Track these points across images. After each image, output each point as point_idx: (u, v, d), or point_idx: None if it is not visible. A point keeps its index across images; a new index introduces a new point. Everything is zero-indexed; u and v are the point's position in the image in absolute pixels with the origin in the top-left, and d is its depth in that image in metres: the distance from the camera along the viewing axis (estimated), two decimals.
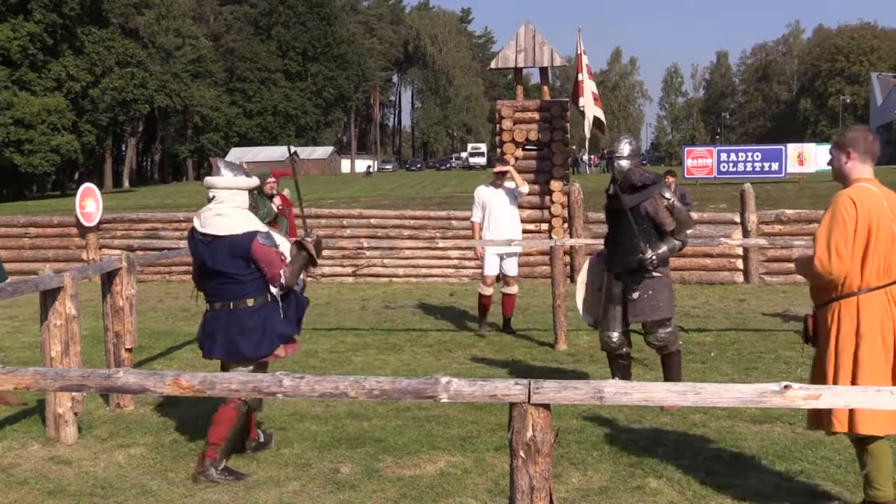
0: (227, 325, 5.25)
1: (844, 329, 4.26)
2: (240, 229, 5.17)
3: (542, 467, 3.01)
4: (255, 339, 5.20)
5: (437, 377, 3.09)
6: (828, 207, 4.34)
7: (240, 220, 5.21)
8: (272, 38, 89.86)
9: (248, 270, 5.19)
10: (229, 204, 5.23)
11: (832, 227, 4.23)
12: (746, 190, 14.43)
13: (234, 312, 5.23)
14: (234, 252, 5.17)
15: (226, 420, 5.21)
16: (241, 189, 5.28)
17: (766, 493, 4.85)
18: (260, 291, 5.24)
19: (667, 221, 6.59)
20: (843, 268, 4.21)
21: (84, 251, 15.77)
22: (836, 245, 4.19)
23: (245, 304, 5.23)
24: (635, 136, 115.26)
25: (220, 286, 5.27)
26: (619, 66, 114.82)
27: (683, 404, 3.03)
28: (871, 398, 3.00)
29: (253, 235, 5.17)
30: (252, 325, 5.20)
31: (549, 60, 14.23)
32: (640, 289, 6.53)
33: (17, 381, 3.36)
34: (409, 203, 28.40)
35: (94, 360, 8.02)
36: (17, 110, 53.88)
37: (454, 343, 9.53)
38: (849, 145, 4.40)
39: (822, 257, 4.22)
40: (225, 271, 5.22)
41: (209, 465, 5.11)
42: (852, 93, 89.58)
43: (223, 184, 5.24)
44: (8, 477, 5.36)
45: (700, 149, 36.46)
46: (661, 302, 6.53)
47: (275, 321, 5.26)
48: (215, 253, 5.22)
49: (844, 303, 4.28)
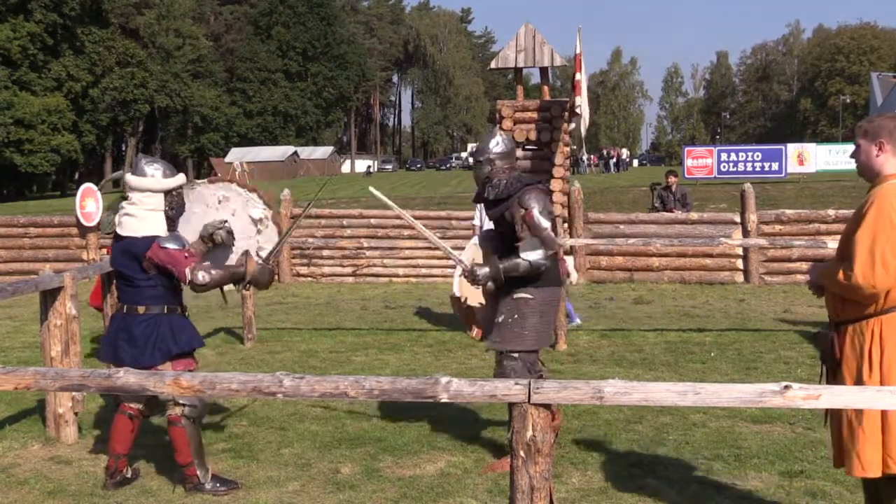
0: (118, 329, 5.10)
1: (890, 351, 3.61)
2: (142, 232, 4.99)
3: (542, 467, 3.01)
4: (138, 348, 4.98)
5: (437, 377, 3.09)
6: (866, 207, 3.65)
7: (146, 224, 5.01)
8: (272, 38, 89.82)
9: (143, 276, 4.99)
10: (140, 206, 5.03)
11: (877, 232, 3.55)
12: (746, 190, 14.43)
13: (126, 317, 5.06)
14: (130, 254, 5.00)
15: (181, 440, 5.06)
16: (153, 191, 5.04)
17: (766, 493, 4.85)
18: (155, 301, 5.03)
19: (520, 234, 5.21)
20: (890, 280, 3.56)
21: (84, 251, 15.72)
22: (882, 253, 3.54)
23: (136, 311, 5.03)
24: (635, 136, 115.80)
25: (119, 288, 5.17)
26: (619, 66, 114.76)
27: (683, 404, 3.03)
28: (871, 398, 2.99)
29: (152, 240, 4.95)
30: (138, 333, 4.99)
31: (549, 60, 14.19)
32: (506, 311, 5.30)
33: (17, 381, 3.36)
34: (409, 203, 28.42)
35: (94, 361, 8.02)
36: (17, 110, 53.94)
37: (454, 343, 9.52)
38: (881, 134, 3.72)
39: (865, 268, 3.55)
40: (121, 272, 5.09)
41: (198, 482, 5.04)
42: (852, 93, 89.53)
43: (135, 184, 5.04)
44: (8, 477, 5.37)
45: (700, 149, 36.50)
46: (525, 330, 5.25)
47: (163, 334, 5.01)
48: (116, 252, 5.11)
49: (887, 319, 3.63)
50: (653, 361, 8.41)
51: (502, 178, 5.34)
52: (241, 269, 5.19)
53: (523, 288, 5.23)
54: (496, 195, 5.31)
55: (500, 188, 5.31)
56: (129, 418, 5.20)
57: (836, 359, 3.78)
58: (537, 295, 5.24)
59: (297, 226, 5.55)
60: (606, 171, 58.56)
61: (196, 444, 5.10)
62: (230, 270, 5.16)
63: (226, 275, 5.10)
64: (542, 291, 5.27)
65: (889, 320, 3.62)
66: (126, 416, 5.19)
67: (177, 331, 5.06)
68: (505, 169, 5.37)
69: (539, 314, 5.26)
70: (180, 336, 5.06)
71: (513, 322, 5.23)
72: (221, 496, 4.99)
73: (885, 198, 3.59)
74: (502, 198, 5.28)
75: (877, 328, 3.63)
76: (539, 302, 5.26)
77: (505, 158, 5.39)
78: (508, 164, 5.39)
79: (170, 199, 5.08)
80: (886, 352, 3.61)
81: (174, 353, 5.02)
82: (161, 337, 4.99)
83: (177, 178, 5.15)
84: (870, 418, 3.57)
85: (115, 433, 5.21)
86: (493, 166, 5.37)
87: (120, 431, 5.19)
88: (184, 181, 5.24)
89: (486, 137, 5.53)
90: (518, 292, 5.24)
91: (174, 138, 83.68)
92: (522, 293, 5.24)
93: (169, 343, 5.01)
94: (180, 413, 5.05)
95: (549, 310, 5.33)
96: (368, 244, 14.42)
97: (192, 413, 5.07)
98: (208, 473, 5.08)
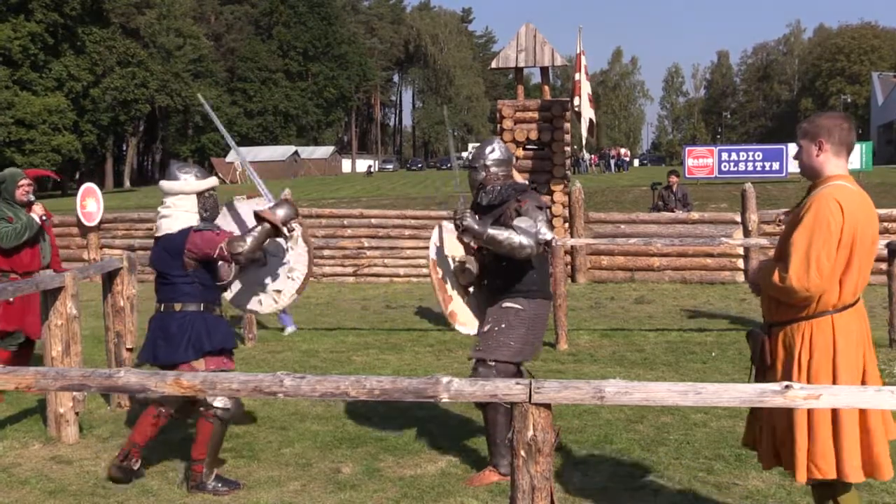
0: (156, 328, 5.21)
1: (818, 356, 3.58)
2: (177, 227, 5.13)
3: (542, 467, 3.01)
4: (173, 345, 5.08)
5: (437, 377, 3.09)
6: (805, 209, 3.60)
7: (180, 222, 5.15)
8: (273, 37, 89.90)
9: (181, 273, 5.11)
10: (175, 209, 5.18)
11: (814, 235, 3.50)
12: (747, 189, 14.42)
13: (164, 316, 5.18)
14: (169, 249, 5.13)
15: (205, 435, 5.13)
16: (186, 193, 5.19)
17: (767, 492, 4.85)
18: (191, 298, 5.14)
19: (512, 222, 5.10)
20: (824, 284, 3.52)
21: (85, 251, 15.76)
22: (817, 257, 3.49)
23: (173, 308, 5.15)
24: (636, 136, 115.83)
25: (158, 287, 5.27)
26: (619, 65, 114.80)
27: (684, 404, 3.03)
28: (871, 398, 2.99)
29: (187, 231, 5.10)
30: (174, 330, 5.10)
31: (549, 60, 14.24)
32: (493, 320, 5.17)
33: (18, 380, 3.36)
34: (410, 203, 28.42)
35: (94, 360, 8.02)
36: (18, 110, 53.94)
37: (455, 343, 9.52)
38: (820, 134, 3.67)
39: (799, 271, 3.51)
40: (160, 270, 5.21)
41: (200, 480, 5.07)
42: (853, 92, 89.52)
43: (167, 188, 5.22)
44: (9, 476, 5.37)
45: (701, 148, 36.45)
46: (511, 340, 5.11)
47: (198, 332, 5.11)
48: (155, 252, 5.25)
49: (817, 323, 3.60)
50: (654, 361, 8.41)
51: (496, 184, 5.27)
52: (267, 225, 5.21)
53: (513, 298, 5.15)
54: (489, 201, 5.24)
55: (494, 194, 5.24)
56: (156, 416, 5.29)
57: (765, 360, 3.76)
58: (528, 307, 5.15)
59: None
60: (607, 170, 58.60)
61: (216, 444, 5.16)
62: (259, 231, 5.18)
63: (258, 236, 5.17)
64: (534, 303, 5.18)
65: (820, 324, 3.59)
66: (154, 412, 5.29)
67: (212, 329, 5.15)
68: (500, 176, 5.28)
69: (527, 326, 5.16)
70: (215, 334, 5.16)
71: (498, 331, 5.11)
72: (222, 496, 5.00)
73: (824, 201, 3.53)
74: (495, 203, 5.21)
75: (807, 332, 3.60)
76: (529, 314, 5.16)
77: (501, 165, 5.30)
78: (504, 171, 5.30)
79: (203, 200, 5.22)
80: (815, 356, 3.58)
81: (206, 351, 5.11)
82: (196, 334, 5.09)
83: (208, 181, 5.28)
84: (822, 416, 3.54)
85: (139, 424, 5.33)
86: (487, 172, 5.29)
87: (143, 423, 5.30)
88: (216, 184, 5.37)
89: (484, 143, 5.44)
90: (507, 301, 5.15)
91: (175, 138, 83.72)
92: (512, 303, 5.14)
93: (203, 340, 5.10)
94: (213, 413, 5.12)
95: (538, 323, 5.23)
96: (369, 244, 14.42)
97: (224, 415, 5.15)
98: (213, 474, 5.10)
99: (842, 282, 3.57)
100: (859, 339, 3.62)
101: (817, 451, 3.54)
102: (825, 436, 3.54)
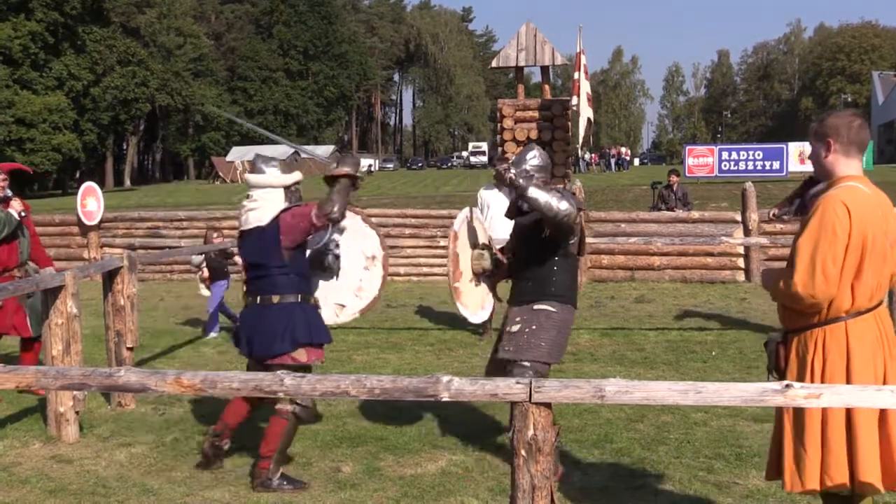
0: (252, 321, 5.20)
1: (832, 363, 3.46)
2: (268, 218, 5.11)
3: (543, 466, 3.01)
4: (270, 336, 5.08)
5: (438, 376, 3.09)
6: (812, 212, 3.50)
7: (268, 212, 5.13)
8: (273, 36, 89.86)
9: (277, 263, 5.09)
10: (262, 201, 5.17)
11: (819, 240, 3.39)
12: (748, 189, 14.42)
13: (260, 309, 5.16)
14: (263, 239, 5.11)
15: (276, 432, 5.12)
16: (273, 187, 5.18)
17: (767, 491, 4.84)
18: (288, 289, 5.12)
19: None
20: (830, 291, 3.40)
21: (85, 250, 15.78)
22: (823, 262, 3.38)
23: (270, 301, 5.13)
24: (636, 135, 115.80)
25: (252, 279, 5.27)
26: (620, 64, 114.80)
27: (685, 403, 3.03)
28: (871, 397, 2.99)
29: (277, 216, 5.09)
30: (272, 321, 5.09)
31: (550, 59, 14.24)
32: (523, 321, 5.22)
33: (18, 379, 3.36)
34: (410, 202, 28.41)
35: (95, 359, 8.02)
36: (18, 109, 53.93)
37: (455, 342, 9.52)
38: (828, 134, 3.58)
39: (804, 277, 3.40)
40: (254, 262, 5.21)
41: (266, 477, 5.06)
42: (853, 91, 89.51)
43: (254, 182, 5.22)
44: (9, 476, 5.37)
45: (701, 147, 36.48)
46: (542, 342, 5.15)
47: (297, 322, 5.10)
48: (247, 244, 5.24)
49: (830, 329, 3.48)
50: (654, 360, 8.41)
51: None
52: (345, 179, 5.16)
53: (546, 301, 5.19)
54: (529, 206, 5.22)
55: None
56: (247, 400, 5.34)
57: (779, 367, 3.67)
58: (560, 310, 5.21)
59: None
60: (607, 169, 58.60)
61: (287, 441, 5.17)
62: (340, 188, 5.14)
63: (343, 193, 5.13)
64: (565, 309, 5.25)
65: (833, 331, 3.47)
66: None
67: (311, 320, 5.16)
68: (540, 182, 5.27)
69: (558, 329, 5.21)
70: (314, 326, 5.16)
71: (529, 332, 5.15)
72: (288, 493, 4.99)
73: (830, 204, 3.42)
74: None
75: (820, 338, 3.49)
76: (560, 318, 5.22)
77: (541, 172, 5.34)
78: (544, 178, 5.33)
79: (289, 195, 5.21)
80: (828, 362, 3.47)
81: (304, 342, 5.11)
82: (294, 325, 5.08)
83: (294, 175, 5.30)
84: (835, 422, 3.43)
85: (232, 405, 5.42)
86: (529, 179, 5.24)
87: (236, 405, 5.40)
88: (300, 178, 5.35)
89: (525, 150, 5.47)
90: (539, 304, 5.19)
91: (175, 137, 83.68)
92: (545, 305, 5.19)
93: (301, 331, 5.09)
94: (291, 410, 5.12)
95: (566, 328, 5.29)
96: None
97: (303, 413, 5.18)
98: (279, 471, 5.09)
99: (853, 287, 3.44)
100: (877, 345, 3.48)
101: (832, 458, 3.43)
102: (839, 442, 3.42)
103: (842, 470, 3.42)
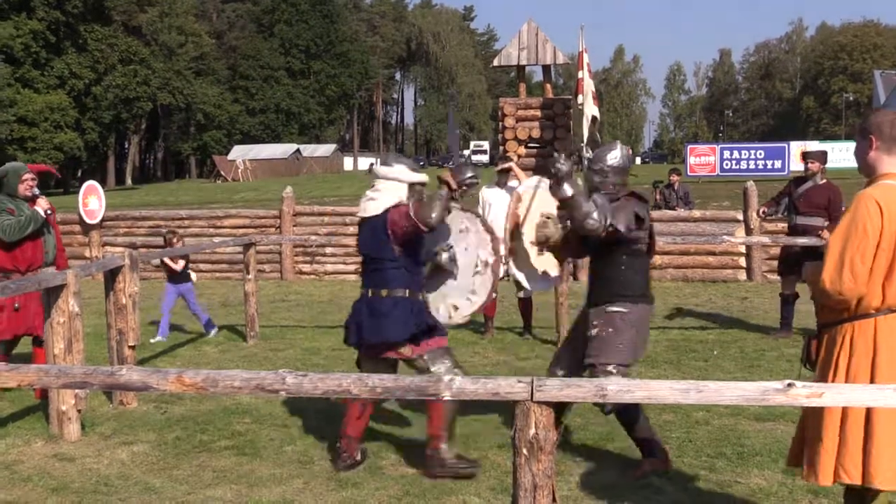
0: (361, 310, 5.26)
1: (857, 358, 3.48)
2: (382, 209, 5.15)
3: (544, 465, 3.01)
4: (383, 324, 5.12)
5: (439, 375, 3.08)
6: (846, 209, 3.53)
7: (385, 202, 5.16)
8: (275, 35, 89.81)
9: (390, 256, 5.13)
10: (383, 192, 5.21)
11: (849, 237, 3.41)
12: (749, 188, 14.41)
13: (371, 300, 5.22)
14: (375, 230, 5.17)
15: (437, 413, 5.17)
16: (399, 181, 5.21)
17: (768, 490, 4.85)
18: (398, 284, 5.16)
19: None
20: (858, 288, 3.42)
21: (87, 248, 15.79)
22: (851, 259, 3.39)
23: (380, 294, 5.18)
24: (638, 134, 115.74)
25: (366, 271, 5.33)
26: (621, 63, 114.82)
27: (686, 402, 3.02)
28: (875, 395, 2.98)
29: (388, 210, 5.12)
30: (385, 310, 5.13)
31: (551, 58, 14.24)
32: (600, 324, 5.23)
33: (20, 378, 3.36)
34: None
35: (96, 358, 8.03)
36: (20, 108, 53.98)
37: (456, 341, 9.51)
38: (871, 131, 3.57)
39: (832, 274, 3.43)
40: (368, 254, 5.28)
41: (440, 457, 5.12)
42: (855, 90, 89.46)
43: (382, 173, 5.27)
44: (12, 474, 5.37)
45: (703, 146, 36.51)
46: (621, 343, 5.17)
47: (409, 312, 5.13)
48: (362, 235, 5.32)
49: (859, 325, 3.50)
50: (655, 359, 8.40)
51: (609, 193, 5.20)
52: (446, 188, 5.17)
53: (618, 303, 5.19)
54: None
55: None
56: (362, 406, 5.33)
57: (810, 359, 3.75)
58: (633, 310, 5.21)
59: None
60: None
61: (449, 419, 5.21)
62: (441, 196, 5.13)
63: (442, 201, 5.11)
64: (639, 307, 5.25)
65: (862, 326, 3.48)
66: (359, 406, 5.32)
67: (418, 314, 5.18)
68: (614, 184, 5.23)
69: (635, 329, 5.21)
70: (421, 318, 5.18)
71: (608, 336, 5.16)
72: (461, 471, 5.05)
73: (862, 202, 3.44)
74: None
75: (848, 334, 3.52)
76: (635, 317, 5.22)
77: (618, 174, 5.26)
78: (620, 180, 5.26)
79: (412, 193, 5.23)
80: (854, 359, 3.49)
81: (414, 333, 5.15)
82: (408, 315, 5.12)
83: (421, 175, 5.32)
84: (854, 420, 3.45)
85: (349, 419, 5.38)
86: (604, 178, 5.24)
87: (352, 418, 5.37)
88: (426, 179, 5.36)
89: (607, 147, 5.38)
90: (613, 306, 5.20)
91: (177, 136, 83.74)
92: (618, 307, 5.19)
93: (412, 321, 5.12)
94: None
95: (643, 325, 5.31)
96: None
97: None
98: (451, 451, 5.14)
99: (885, 285, 3.44)
100: None
101: (847, 453, 3.44)
102: (856, 438, 3.43)
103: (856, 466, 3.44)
